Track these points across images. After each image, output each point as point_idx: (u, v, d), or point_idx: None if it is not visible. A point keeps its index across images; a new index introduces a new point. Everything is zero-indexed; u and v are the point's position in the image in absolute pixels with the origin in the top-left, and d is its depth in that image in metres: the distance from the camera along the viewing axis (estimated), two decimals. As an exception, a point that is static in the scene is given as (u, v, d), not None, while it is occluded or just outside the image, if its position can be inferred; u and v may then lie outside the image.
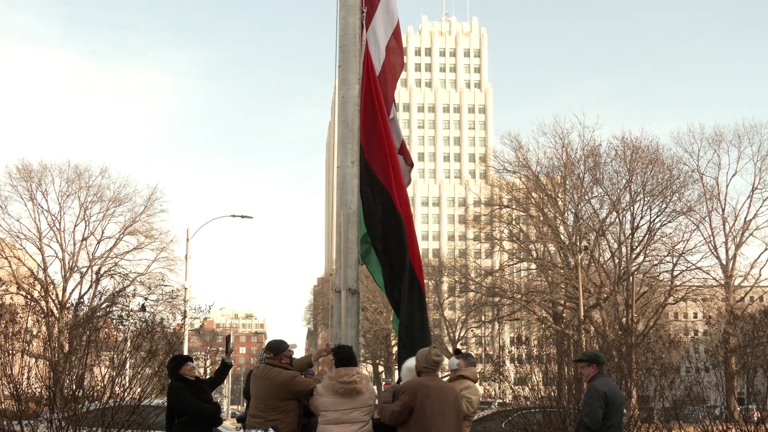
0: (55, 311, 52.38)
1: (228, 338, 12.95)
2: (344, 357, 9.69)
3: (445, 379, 11.58)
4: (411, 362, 10.24)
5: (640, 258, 62.52)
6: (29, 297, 54.05)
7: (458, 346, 78.63)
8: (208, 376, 14.50)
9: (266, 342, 10.92)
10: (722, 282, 61.47)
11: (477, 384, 11.85)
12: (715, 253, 61.99)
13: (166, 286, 60.23)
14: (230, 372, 13.56)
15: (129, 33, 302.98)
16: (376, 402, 9.96)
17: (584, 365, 10.57)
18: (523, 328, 71.71)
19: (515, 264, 70.84)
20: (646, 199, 61.94)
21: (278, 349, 10.42)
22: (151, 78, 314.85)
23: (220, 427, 18.40)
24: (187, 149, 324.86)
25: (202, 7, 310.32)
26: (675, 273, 62.39)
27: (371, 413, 9.62)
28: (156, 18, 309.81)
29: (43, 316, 15.34)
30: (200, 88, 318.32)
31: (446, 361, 11.69)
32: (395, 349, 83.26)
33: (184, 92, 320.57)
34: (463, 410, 9.92)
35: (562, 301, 65.07)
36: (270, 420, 9.92)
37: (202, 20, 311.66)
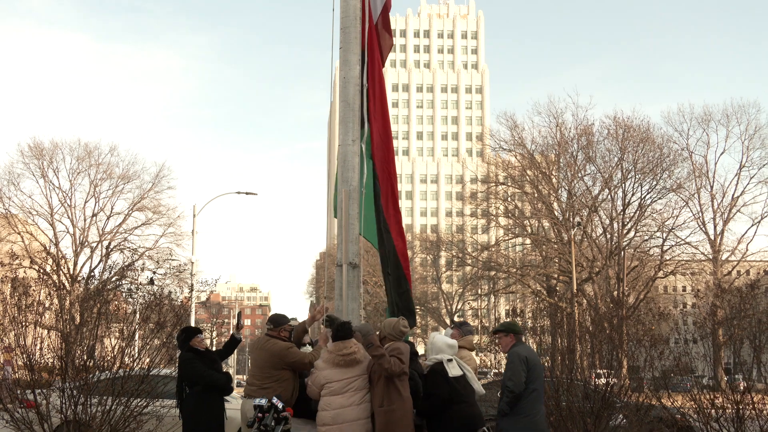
0: (67, 284, 52.38)
1: (239, 314, 13.01)
2: (346, 334, 9.76)
3: None
4: (440, 339, 10.49)
5: (631, 233, 62.64)
6: (41, 271, 54.12)
7: (455, 318, 78.90)
8: (214, 348, 14.54)
9: (269, 314, 10.96)
10: (710, 257, 61.60)
11: (474, 353, 11.88)
12: (703, 228, 62.14)
13: (173, 260, 60.16)
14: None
15: (144, 16, 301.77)
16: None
17: (502, 335, 10.46)
18: (517, 300, 71.76)
19: (510, 239, 70.94)
20: (637, 176, 62.05)
21: (278, 321, 10.53)
22: (163, 60, 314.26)
23: (227, 397, 18.47)
24: (195, 129, 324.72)
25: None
26: (664, 248, 62.52)
27: (368, 383, 9.68)
28: (171, 1, 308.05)
29: (55, 289, 15.32)
30: (211, 69, 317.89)
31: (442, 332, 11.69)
32: (388, 319, 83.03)
33: (194, 74, 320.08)
34: None
35: (556, 275, 65.23)
36: (264, 388, 9.99)
37: (215, 3, 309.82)
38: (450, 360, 10.27)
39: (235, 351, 14.13)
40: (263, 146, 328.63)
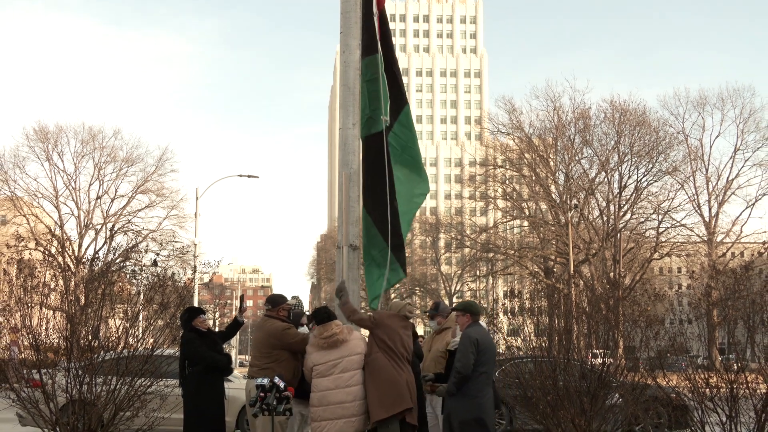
0: (72, 266, 52.42)
1: (242, 297, 13.00)
2: (322, 318, 9.81)
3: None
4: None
5: (628, 216, 62.73)
6: (47, 252, 54.29)
7: (453, 301, 78.99)
8: (217, 329, 14.55)
9: (269, 295, 10.97)
10: (705, 238, 61.72)
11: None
12: (698, 211, 62.28)
13: (176, 242, 60.33)
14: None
15: (151, 1, 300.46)
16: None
17: (459, 314, 10.46)
18: (515, 282, 71.76)
19: (508, 221, 70.96)
20: (633, 159, 62.08)
21: (276, 301, 10.56)
22: (169, 45, 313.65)
23: (228, 378, 18.49)
24: (199, 112, 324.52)
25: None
26: (660, 230, 62.69)
27: (362, 362, 9.66)
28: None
29: (60, 270, 15.32)
30: (216, 54, 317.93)
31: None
32: (395, 301, 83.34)
33: (199, 58, 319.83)
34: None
35: (553, 257, 65.30)
36: (263, 369, 10.01)
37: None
38: None
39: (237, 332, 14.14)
40: (265, 130, 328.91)
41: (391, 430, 9.49)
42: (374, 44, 11.38)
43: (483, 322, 11.11)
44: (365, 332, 10.47)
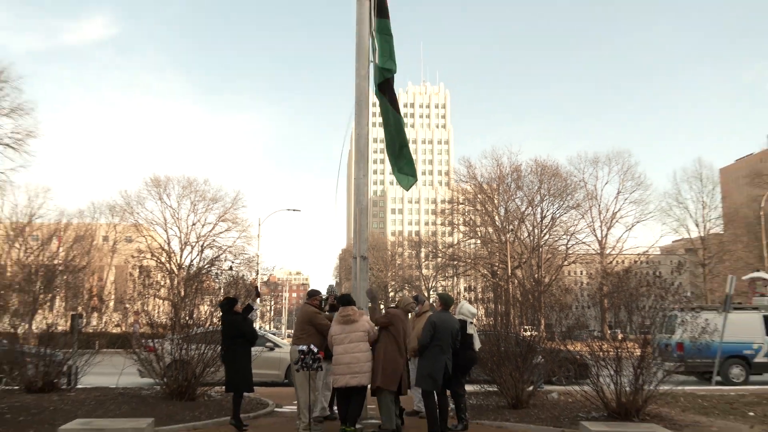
0: (175, 270, 52.39)
1: (257, 288, 12.73)
2: (345, 302, 9.69)
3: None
4: (467, 307, 10.84)
5: (547, 236, 62.68)
6: (159, 261, 54.26)
7: (430, 293, 78.62)
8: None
9: (308, 289, 10.95)
10: (598, 252, 61.67)
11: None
12: (594, 233, 62.31)
13: (245, 254, 60.40)
14: (285, 308, 13.60)
15: (235, 92, 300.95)
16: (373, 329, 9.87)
17: (436, 301, 10.36)
18: (472, 281, 71.65)
19: (467, 240, 70.91)
20: (550, 198, 62.19)
21: (311, 294, 10.61)
22: (245, 121, 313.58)
23: (279, 345, 18.36)
24: (262, 163, 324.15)
25: (278, 73, 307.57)
26: (568, 246, 62.60)
27: (366, 337, 9.49)
28: (252, 85, 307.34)
29: (167, 273, 15.33)
30: (275, 126, 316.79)
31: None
32: (391, 294, 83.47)
33: (265, 131, 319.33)
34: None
35: (497, 264, 65.13)
36: (299, 338, 9.98)
37: (280, 86, 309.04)
38: (471, 323, 10.63)
39: (287, 313, 14.04)
40: (306, 176, 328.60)
41: (385, 394, 9.41)
42: (386, 9, 11.36)
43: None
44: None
